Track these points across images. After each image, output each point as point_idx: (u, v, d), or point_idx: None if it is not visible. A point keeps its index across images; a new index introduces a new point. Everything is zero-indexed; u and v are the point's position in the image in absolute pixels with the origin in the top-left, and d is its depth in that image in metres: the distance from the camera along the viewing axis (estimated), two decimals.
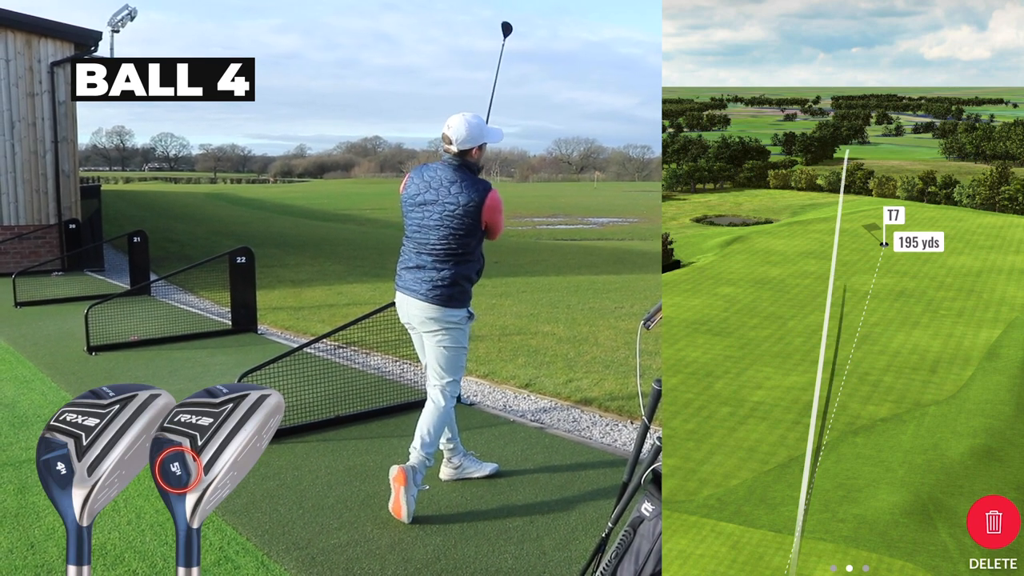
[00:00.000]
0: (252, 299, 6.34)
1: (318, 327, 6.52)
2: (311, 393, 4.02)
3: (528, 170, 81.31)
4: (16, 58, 10.13)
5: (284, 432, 3.62)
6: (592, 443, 3.66)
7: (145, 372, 4.92)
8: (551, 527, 2.73)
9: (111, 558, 2.49)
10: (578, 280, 9.85)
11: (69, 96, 10.33)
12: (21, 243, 10.26)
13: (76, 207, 10.67)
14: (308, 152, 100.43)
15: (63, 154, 10.48)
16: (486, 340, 5.90)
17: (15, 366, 5.06)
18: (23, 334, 6.09)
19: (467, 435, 3.61)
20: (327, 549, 2.56)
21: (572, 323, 6.62)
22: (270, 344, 5.88)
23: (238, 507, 2.86)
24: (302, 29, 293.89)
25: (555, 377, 4.81)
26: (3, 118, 10.12)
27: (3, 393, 4.40)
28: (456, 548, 2.57)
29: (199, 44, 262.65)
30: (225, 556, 2.51)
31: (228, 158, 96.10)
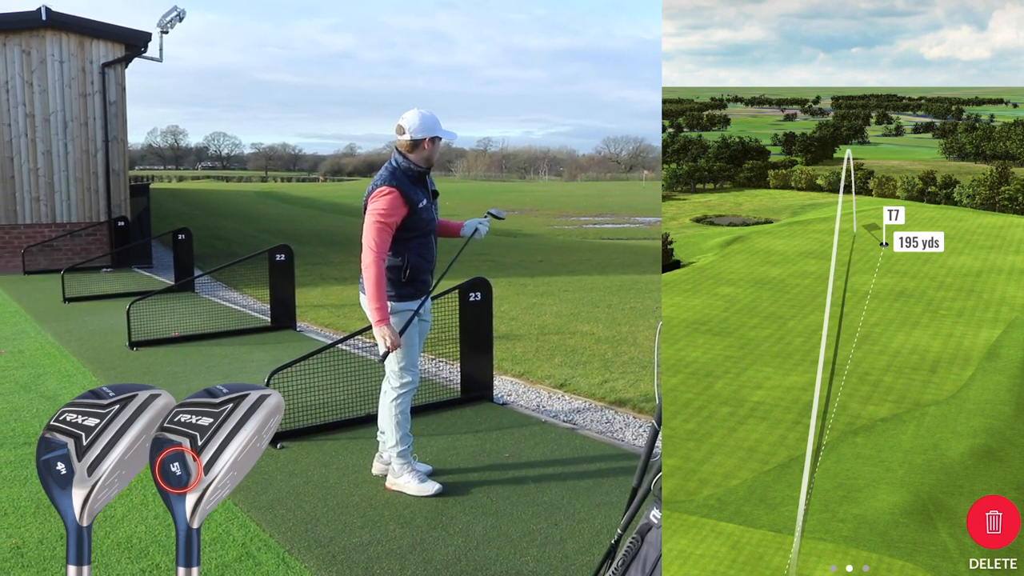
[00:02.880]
0: (291, 296, 6.19)
1: (357, 325, 6.36)
2: (344, 390, 3.91)
3: (576, 169, 79.44)
4: (70, 59, 10.16)
5: (314, 430, 3.52)
6: (624, 445, 3.49)
7: (183, 368, 4.86)
8: (575, 530, 2.60)
9: (136, 551, 2.44)
10: (621, 279, 9.48)
11: (119, 97, 10.40)
12: (72, 240, 10.35)
13: (126, 205, 10.73)
14: (358, 151, 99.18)
15: (113, 153, 10.52)
16: (524, 339, 5.71)
17: (60, 360, 5.06)
18: (69, 329, 6.10)
19: (497, 435, 3.48)
20: (348, 547, 2.48)
21: (612, 323, 6.38)
22: (307, 341, 5.76)
23: (263, 504, 2.78)
24: (357, 28, 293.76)
25: (590, 377, 4.61)
26: (57, 118, 10.18)
27: (46, 387, 4.39)
28: (478, 549, 2.47)
29: (255, 45, 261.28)
30: (247, 552, 2.44)
31: (279, 157, 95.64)
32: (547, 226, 22.34)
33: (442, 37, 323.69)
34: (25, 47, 9.93)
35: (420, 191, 2.77)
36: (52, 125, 10.17)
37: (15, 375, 4.62)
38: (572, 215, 27.20)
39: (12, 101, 9.93)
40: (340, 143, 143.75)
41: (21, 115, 10.00)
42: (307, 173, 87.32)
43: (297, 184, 63.17)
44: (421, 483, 2.84)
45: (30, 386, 4.37)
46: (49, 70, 10.08)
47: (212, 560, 2.38)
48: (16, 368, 4.80)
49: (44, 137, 10.14)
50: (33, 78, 10.00)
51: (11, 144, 9.99)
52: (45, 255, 10.11)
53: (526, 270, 10.38)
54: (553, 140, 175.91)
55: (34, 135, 10.09)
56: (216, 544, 2.49)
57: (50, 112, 10.14)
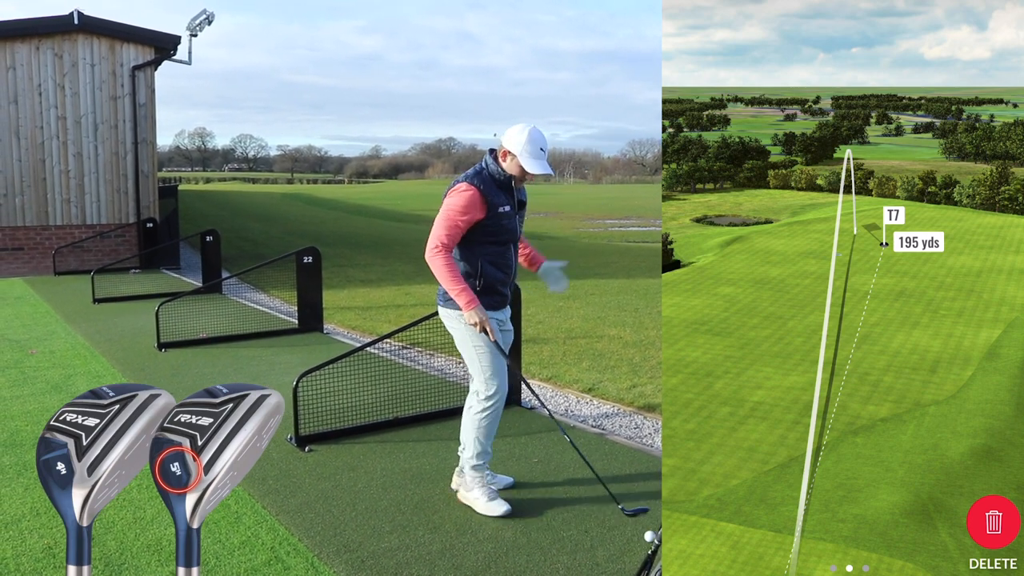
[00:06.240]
0: (318, 298, 6.06)
1: (384, 327, 6.23)
2: (372, 394, 3.83)
3: (602, 172, 77.49)
4: (100, 63, 10.14)
5: (342, 433, 3.43)
6: (653, 451, 3.32)
7: (211, 370, 4.80)
8: (606, 537, 2.50)
9: (166, 554, 2.40)
10: (647, 283, 9.12)
11: (149, 99, 10.38)
12: (102, 241, 10.35)
13: (154, 206, 10.71)
14: (383, 153, 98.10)
15: (143, 155, 10.49)
16: (551, 343, 5.56)
17: (89, 361, 5.04)
18: (99, 330, 6.07)
19: (525, 440, 3.38)
20: (377, 553, 2.41)
21: (639, 327, 6.18)
22: (334, 344, 5.65)
23: (292, 507, 2.72)
24: (387, 30, 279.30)
25: (619, 382, 4.41)
26: (87, 120, 10.15)
27: (76, 387, 4.38)
28: (508, 556, 2.39)
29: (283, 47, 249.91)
30: (276, 556, 2.38)
31: (305, 159, 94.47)
32: (573, 229, 21.72)
33: (471, 38, 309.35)
34: (57, 51, 9.93)
35: (504, 196, 2.55)
36: (83, 127, 10.17)
37: (47, 375, 4.61)
38: (598, 218, 26.40)
39: (45, 104, 9.94)
40: (366, 145, 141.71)
41: (53, 118, 10.01)
42: (332, 175, 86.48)
43: (323, 186, 62.68)
44: (490, 500, 2.65)
45: (61, 386, 4.36)
46: (81, 73, 10.08)
47: (241, 564, 2.33)
48: (48, 368, 4.79)
49: (75, 139, 10.16)
50: (65, 81, 10.00)
51: (43, 146, 10.02)
52: (75, 256, 10.15)
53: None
54: (579, 143, 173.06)
55: (65, 137, 10.11)
56: (245, 548, 2.43)
57: (81, 115, 10.14)
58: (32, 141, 9.95)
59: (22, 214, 10.02)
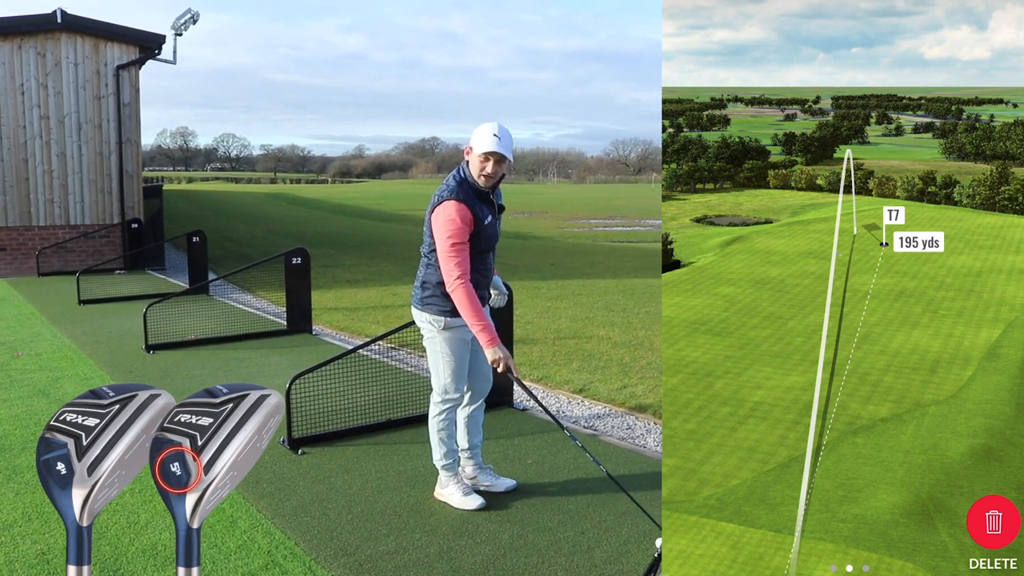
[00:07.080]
0: (307, 300, 6.09)
1: (373, 328, 6.27)
2: (363, 396, 3.84)
3: (585, 171, 77.92)
4: (84, 62, 10.09)
5: (335, 435, 3.45)
6: (646, 451, 3.36)
7: (200, 372, 4.80)
8: (603, 539, 2.53)
9: (161, 559, 2.40)
10: (634, 283, 9.19)
11: (133, 98, 10.35)
12: (86, 242, 10.29)
13: (139, 207, 10.68)
14: (367, 152, 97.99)
15: (127, 155, 10.45)
16: (540, 343, 5.59)
17: (76, 363, 5.02)
18: (85, 332, 6.04)
19: (519, 441, 3.40)
20: (375, 556, 2.43)
21: (628, 327, 6.21)
22: (324, 345, 5.68)
23: (287, 511, 2.73)
24: (370, 29, 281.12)
25: (609, 383, 4.44)
26: (71, 120, 10.11)
27: (64, 390, 4.36)
28: (506, 558, 2.41)
29: (266, 46, 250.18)
30: (273, 560, 2.40)
31: (288, 158, 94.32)
32: (557, 229, 21.95)
33: (455, 38, 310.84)
34: (40, 49, 9.90)
35: (485, 207, 2.55)
36: (66, 127, 10.13)
37: (33, 378, 4.59)
38: (582, 217, 26.70)
39: (27, 103, 9.90)
40: (349, 144, 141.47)
41: (36, 117, 9.97)
42: (315, 175, 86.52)
43: (306, 186, 62.79)
44: (464, 495, 2.74)
45: (48, 389, 4.35)
46: (64, 72, 10.03)
47: (239, 568, 2.34)
48: (34, 371, 4.77)
49: (59, 139, 10.12)
50: (48, 80, 9.96)
51: (26, 146, 9.98)
52: (59, 257, 10.10)
53: (538, 273, 10.22)
54: (562, 142, 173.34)
55: (49, 137, 10.06)
56: (242, 552, 2.44)
57: (64, 114, 10.10)
58: (15, 141, 9.90)
59: (4, 214, 9.97)
